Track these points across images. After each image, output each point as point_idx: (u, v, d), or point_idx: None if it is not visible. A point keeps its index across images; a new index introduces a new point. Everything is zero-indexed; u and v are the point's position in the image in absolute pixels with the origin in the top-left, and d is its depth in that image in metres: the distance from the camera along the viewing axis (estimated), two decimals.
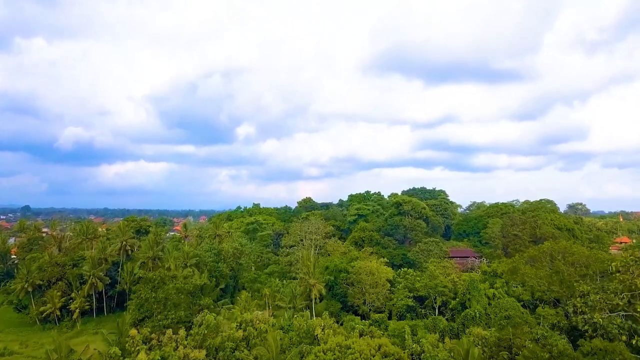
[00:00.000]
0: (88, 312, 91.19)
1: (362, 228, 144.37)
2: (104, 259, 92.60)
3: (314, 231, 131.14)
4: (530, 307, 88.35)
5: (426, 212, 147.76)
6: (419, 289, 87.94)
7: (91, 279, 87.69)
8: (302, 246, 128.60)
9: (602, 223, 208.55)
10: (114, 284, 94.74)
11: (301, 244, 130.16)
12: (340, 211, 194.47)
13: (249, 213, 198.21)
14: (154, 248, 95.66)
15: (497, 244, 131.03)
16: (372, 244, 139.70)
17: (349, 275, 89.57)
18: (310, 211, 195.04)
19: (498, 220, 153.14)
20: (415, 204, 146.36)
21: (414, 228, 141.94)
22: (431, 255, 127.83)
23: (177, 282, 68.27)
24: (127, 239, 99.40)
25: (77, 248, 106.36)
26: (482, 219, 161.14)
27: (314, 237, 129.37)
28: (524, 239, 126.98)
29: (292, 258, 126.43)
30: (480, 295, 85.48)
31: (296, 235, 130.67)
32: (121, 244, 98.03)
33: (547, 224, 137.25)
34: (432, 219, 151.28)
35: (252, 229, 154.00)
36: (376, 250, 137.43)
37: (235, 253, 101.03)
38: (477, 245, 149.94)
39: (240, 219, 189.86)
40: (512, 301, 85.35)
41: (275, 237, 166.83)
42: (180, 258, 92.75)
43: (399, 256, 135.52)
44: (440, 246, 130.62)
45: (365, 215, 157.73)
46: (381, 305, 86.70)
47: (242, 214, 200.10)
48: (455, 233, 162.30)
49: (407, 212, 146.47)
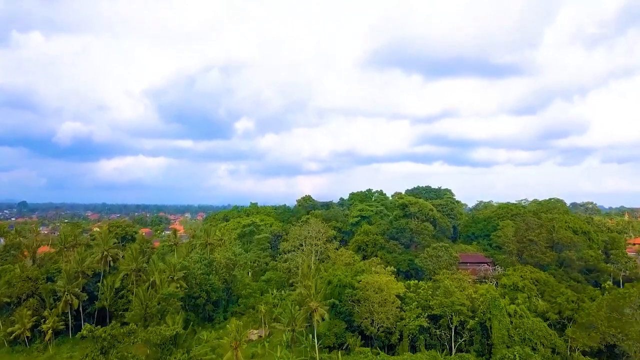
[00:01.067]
0: (64, 332, 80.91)
1: (366, 231, 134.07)
2: (81, 272, 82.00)
3: (315, 235, 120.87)
4: (558, 327, 78.43)
5: (433, 214, 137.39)
6: (434, 307, 77.66)
7: (65, 295, 77.26)
8: (301, 251, 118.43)
9: (613, 223, 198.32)
10: (93, 299, 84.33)
11: (301, 249, 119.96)
12: (342, 211, 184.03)
13: (246, 213, 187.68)
14: (138, 259, 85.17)
15: (511, 250, 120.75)
16: (376, 249, 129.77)
17: (355, 291, 79.15)
18: (311, 211, 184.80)
19: (509, 222, 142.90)
20: (422, 205, 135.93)
21: (420, 232, 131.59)
22: (440, 261, 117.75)
23: (136, 337, 56.36)
24: (108, 249, 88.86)
25: (55, 258, 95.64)
26: (491, 221, 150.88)
27: (315, 242, 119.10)
28: (540, 244, 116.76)
29: (292, 265, 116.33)
30: (502, 314, 75.26)
31: (295, 240, 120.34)
32: (102, 254, 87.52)
33: (563, 227, 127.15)
34: (440, 222, 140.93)
35: (248, 231, 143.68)
36: (381, 255, 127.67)
37: (228, 264, 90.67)
38: (487, 248, 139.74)
39: (237, 219, 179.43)
40: (537, 321, 75.24)
41: (273, 239, 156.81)
42: (166, 271, 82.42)
43: (405, 262, 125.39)
44: (450, 252, 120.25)
45: (369, 216, 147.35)
46: (391, 325, 76.50)
47: (239, 214, 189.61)
48: (463, 235, 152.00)
49: (413, 214, 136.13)
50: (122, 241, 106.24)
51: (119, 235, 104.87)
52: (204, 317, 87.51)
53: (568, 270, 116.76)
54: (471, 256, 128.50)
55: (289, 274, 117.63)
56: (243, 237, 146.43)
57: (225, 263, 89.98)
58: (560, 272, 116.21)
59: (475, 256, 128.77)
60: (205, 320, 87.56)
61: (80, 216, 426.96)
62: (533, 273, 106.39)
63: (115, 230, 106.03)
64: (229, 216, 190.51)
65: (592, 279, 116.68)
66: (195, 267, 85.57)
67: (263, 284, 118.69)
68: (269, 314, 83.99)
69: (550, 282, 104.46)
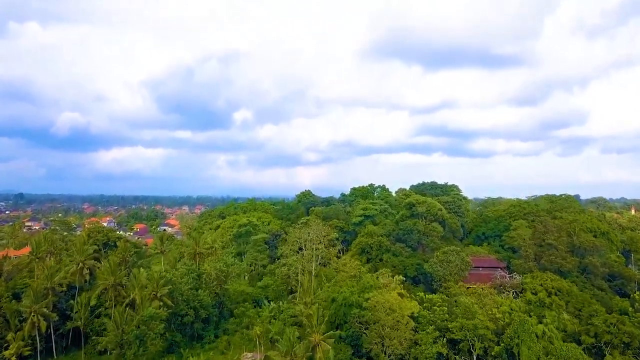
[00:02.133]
0: (32, 356, 70.38)
1: (370, 232, 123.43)
2: (50, 289, 71.23)
3: (315, 239, 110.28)
4: (594, 352, 68.40)
5: (443, 214, 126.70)
6: (454, 331, 67.31)
7: (32, 317, 66.62)
8: (301, 256, 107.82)
9: (625, 220, 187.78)
10: (66, 318, 73.68)
11: (300, 253, 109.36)
12: (343, 207, 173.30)
13: (243, 210, 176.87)
14: (117, 272, 74.38)
15: (528, 254, 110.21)
16: (381, 252, 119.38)
17: (363, 312, 68.63)
18: (311, 207, 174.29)
19: (522, 222, 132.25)
20: (431, 205, 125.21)
21: (429, 233, 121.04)
22: (451, 266, 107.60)
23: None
24: (85, 259, 78.05)
25: (27, 268, 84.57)
26: (503, 220, 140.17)
27: (316, 245, 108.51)
28: (561, 249, 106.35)
29: (291, 271, 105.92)
30: (532, 339, 64.93)
31: (294, 244, 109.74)
32: (78, 265, 76.75)
33: (583, 229, 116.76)
34: (449, 222, 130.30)
35: (244, 232, 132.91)
36: (386, 258, 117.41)
37: (219, 276, 79.96)
38: (500, 250, 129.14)
39: (233, 217, 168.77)
40: (572, 347, 64.97)
41: (271, 239, 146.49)
42: (149, 286, 71.77)
43: (413, 266, 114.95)
44: (462, 256, 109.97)
45: (373, 216, 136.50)
46: (405, 351, 66.22)
47: (236, 210, 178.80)
48: (473, 235, 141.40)
49: (421, 214, 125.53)
50: (104, 248, 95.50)
51: (99, 241, 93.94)
52: (192, 336, 77.08)
53: (590, 277, 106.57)
54: (484, 260, 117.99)
55: (287, 280, 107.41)
56: (239, 238, 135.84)
57: (216, 275, 79.29)
58: (582, 279, 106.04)
59: (488, 260, 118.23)
60: (194, 340, 77.13)
61: (76, 209, 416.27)
62: (554, 281, 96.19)
63: (95, 236, 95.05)
64: (225, 213, 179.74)
65: (616, 287, 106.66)
66: (181, 281, 74.90)
67: (260, 291, 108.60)
68: (264, 334, 73.60)
69: (574, 292, 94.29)
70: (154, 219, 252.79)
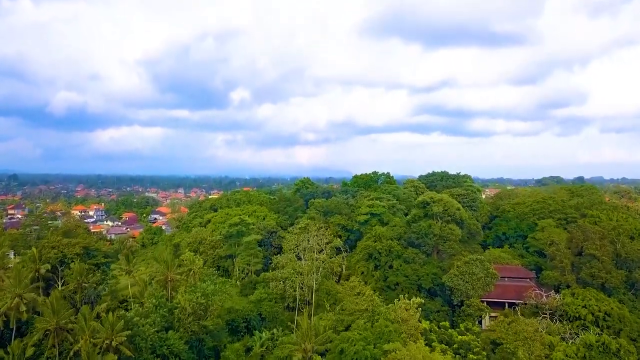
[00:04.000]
0: None
1: (378, 235, 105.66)
2: None
3: (316, 247, 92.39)
4: None
5: (461, 214, 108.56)
6: None
7: None
8: (299, 270, 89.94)
9: None
10: None
11: (298, 265, 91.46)
12: (345, 199, 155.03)
13: (237, 202, 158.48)
14: (62, 311, 56.30)
15: (564, 265, 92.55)
16: (390, 258, 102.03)
17: None
18: (310, 199, 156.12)
19: (550, 221, 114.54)
20: (448, 203, 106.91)
21: (447, 237, 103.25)
22: (474, 279, 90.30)
23: None
24: (23, 292, 59.88)
25: None
26: (526, 217, 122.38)
27: (316, 255, 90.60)
28: (605, 260, 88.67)
29: (287, 285, 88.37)
30: None
31: (291, 252, 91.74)
32: (12, 301, 58.59)
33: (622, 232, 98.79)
34: (468, 223, 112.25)
35: (235, 232, 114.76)
36: (397, 266, 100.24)
37: (197, 310, 62.03)
38: (525, 254, 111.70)
39: (225, 210, 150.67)
40: None
41: (267, 237, 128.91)
42: (101, 331, 53.88)
43: (429, 276, 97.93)
44: (486, 266, 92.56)
45: (380, 214, 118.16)
46: None
47: (229, 203, 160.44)
48: (492, 235, 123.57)
49: (436, 214, 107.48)
50: (61, 266, 77.13)
51: (52, 259, 75.36)
52: None
53: (639, 294, 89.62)
54: (509, 268, 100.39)
55: (283, 293, 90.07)
56: (229, 239, 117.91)
57: (193, 309, 61.38)
58: (630, 296, 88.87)
59: (515, 269, 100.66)
60: None
61: (70, 191, 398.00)
62: (601, 302, 78.77)
63: (47, 254, 76.32)
64: (216, 205, 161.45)
65: None
66: (146, 322, 56.98)
67: (252, 306, 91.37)
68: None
69: (627, 318, 77.16)
70: (144, 207, 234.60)
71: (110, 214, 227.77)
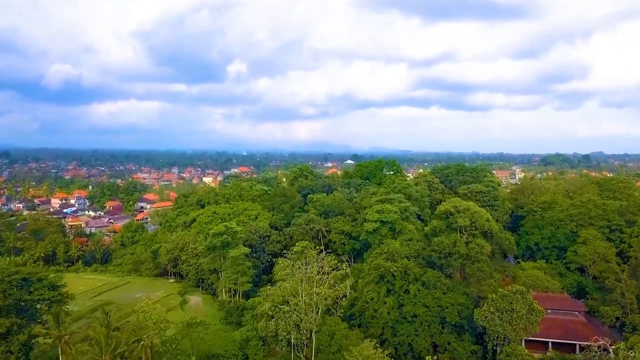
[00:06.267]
0: None
1: (391, 253, 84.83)
2: None
3: (315, 277, 71.48)
4: None
5: (491, 225, 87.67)
6: None
7: None
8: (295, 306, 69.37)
9: None
10: None
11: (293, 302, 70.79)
12: (348, 194, 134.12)
13: (226, 198, 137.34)
14: None
15: (629, 301, 72.22)
16: (407, 282, 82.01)
17: None
18: (309, 194, 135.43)
19: (593, 232, 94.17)
20: (476, 214, 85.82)
21: (477, 258, 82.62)
22: (515, 316, 70.11)
23: None
24: None
25: None
26: (562, 225, 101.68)
27: (316, 290, 69.76)
28: None
29: (280, 327, 68.00)
30: None
31: (285, 287, 70.67)
32: None
33: None
34: (498, 237, 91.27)
35: (220, 244, 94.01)
36: (414, 291, 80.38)
37: None
38: (565, 273, 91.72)
39: (213, 208, 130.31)
40: None
41: (259, 241, 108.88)
42: None
43: (454, 308, 77.84)
44: (529, 300, 71.97)
45: (391, 222, 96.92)
46: None
47: (217, 198, 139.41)
48: (523, 245, 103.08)
49: (461, 227, 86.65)
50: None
51: None
52: None
53: None
54: (553, 298, 79.96)
55: (275, 334, 69.76)
56: (213, 251, 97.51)
57: None
58: None
59: (561, 298, 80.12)
60: None
61: (59, 170, 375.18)
62: None
63: None
64: (204, 200, 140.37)
65: None
66: None
67: (236, 348, 71.93)
68: None
69: None
70: (131, 193, 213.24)
71: (93, 202, 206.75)
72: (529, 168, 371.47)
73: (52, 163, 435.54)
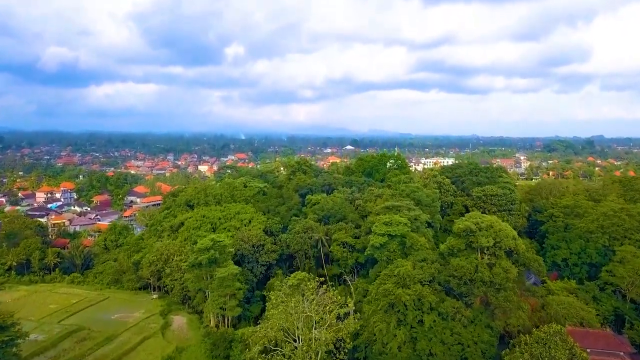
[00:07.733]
0: None
1: (402, 276, 72.00)
2: None
3: (315, 317, 58.52)
4: None
5: (517, 245, 74.31)
6: None
7: None
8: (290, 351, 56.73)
9: None
10: None
11: (288, 348, 58.02)
12: (350, 194, 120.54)
13: (217, 199, 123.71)
14: None
15: None
16: (422, 312, 69.73)
17: None
18: (307, 195, 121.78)
19: (632, 249, 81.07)
20: (501, 233, 72.29)
21: (502, 285, 69.62)
22: None
23: None
24: None
25: None
26: (592, 238, 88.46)
27: (315, 334, 56.99)
28: None
29: None
30: None
31: (279, 331, 57.88)
32: None
33: None
34: (524, 257, 77.89)
35: (206, 261, 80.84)
36: (430, 322, 68.20)
37: None
38: (599, 297, 78.95)
39: (203, 210, 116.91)
40: None
41: (252, 251, 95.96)
42: None
43: (477, 347, 65.87)
44: (570, 344, 59.13)
45: (401, 235, 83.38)
46: None
47: (207, 199, 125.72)
48: (549, 261, 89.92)
49: (483, 247, 73.41)
50: None
51: None
52: None
53: None
54: (594, 335, 67.03)
55: None
56: (199, 268, 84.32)
57: None
58: None
59: (603, 336, 67.10)
60: None
61: (52, 156, 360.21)
62: None
63: None
64: (193, 201, 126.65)
65: None
66: None
67: None
68: None
69: None
70: (121, 186, 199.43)
71: (80, 196, 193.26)
72: (533, 155, 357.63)
73: (46, 149, 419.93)
